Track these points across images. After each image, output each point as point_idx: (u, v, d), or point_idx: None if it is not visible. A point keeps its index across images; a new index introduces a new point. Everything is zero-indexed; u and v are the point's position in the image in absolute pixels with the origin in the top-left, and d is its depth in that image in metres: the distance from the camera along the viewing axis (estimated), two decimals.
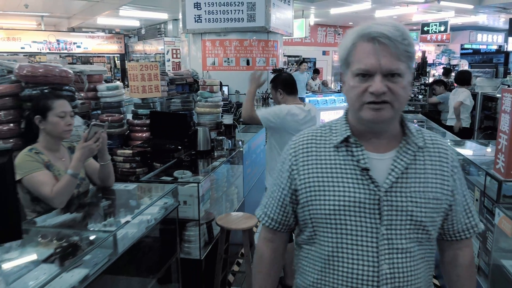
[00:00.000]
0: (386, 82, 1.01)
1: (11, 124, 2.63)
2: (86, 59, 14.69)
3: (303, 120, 2.85)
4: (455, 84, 5.97)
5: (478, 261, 2.50)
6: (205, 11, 6.87)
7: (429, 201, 1.08)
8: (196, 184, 2.71)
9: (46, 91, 2.45)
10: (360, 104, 1.04)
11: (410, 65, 1.05)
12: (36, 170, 1.89)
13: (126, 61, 14.18)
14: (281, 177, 1.21)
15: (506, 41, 15.30)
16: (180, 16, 7.17)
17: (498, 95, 5.81)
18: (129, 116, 3.98)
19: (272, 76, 3.24)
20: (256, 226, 4.42)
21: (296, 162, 1.15)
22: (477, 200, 2.59)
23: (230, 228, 2.94)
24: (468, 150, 3.48)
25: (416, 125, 5.63)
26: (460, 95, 5.65)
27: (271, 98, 6.65)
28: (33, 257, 1.48)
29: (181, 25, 7.18)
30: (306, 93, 10.01)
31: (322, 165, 1.12)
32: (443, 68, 9.87)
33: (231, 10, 6.84)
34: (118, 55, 14.33)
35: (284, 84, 2.98)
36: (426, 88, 6.93)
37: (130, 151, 3.45)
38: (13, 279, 1.33)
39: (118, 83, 3.83)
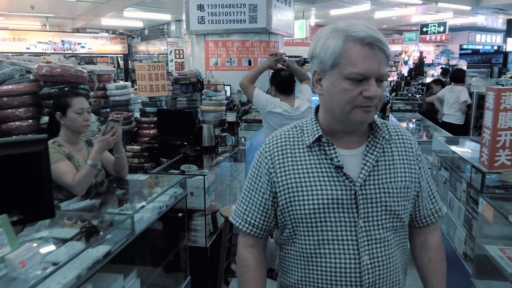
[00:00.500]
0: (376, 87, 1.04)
1: (30, 120, 2.83)
2: (89, 59, 14.88)
3: (286, 117, 3.04)
4: (452, 83, 6.16)
5: (464, 248, 2.68)
6: (208, 12, 7.05)
7: (400, 190, 1.13)
8: (202, 177, 2.90)
9: (66, 89, 2.64)
10: (352, 107, 1.05)
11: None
12: (59, 160, 2.08)
13: (129, 61, 14.38)
14: (258, 181, 1.19)
15: (504, 41, 15.45)
16: (184, 18, 7.36)
17: None
18: (137, 114, 4.18)
19: (273, 75, 3.43)
20: None
21: (273, 165, 1.16)
22: (464, 191, 2.78)
23: None
24: (460, 146, 3.66)
25: (394, 120, 5.83)
26: (463, 95, 5.89)
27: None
28: (61, 235, 1.67)
29: (184, 26, 7.36)
30: None
31: (298, 165, 1.13)
32: (441, 68, 10.05)
33: (233, 12, 7.02)
34: (122, 55, 14.52)
35: (278, 83, 3.15)
36: (423, 87, 7.11)
37: (139, 147, 3.64)
38: (45, 253, 1.52)
39: (127, 82, 4.02)
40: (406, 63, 16.94)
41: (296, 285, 1.18)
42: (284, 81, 3.14)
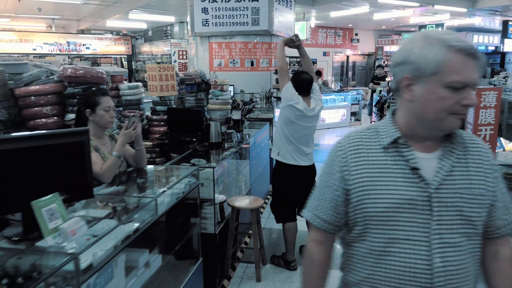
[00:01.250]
0: None
1: (55, 118, 3.11)
2: (93, 60, 15.15)
3: (299, 114, 3.32)
4: None
5: None
6: (212, 15, 7.32)
7: (476, 197, 1.13)
8: (211, 169, 3.17)
9: (93, 89, 2.91)
10: (447, 114, 1.08)
11: None
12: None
13: (133, 62, 14.64)
14: (331, 178, 1.23)
15: (502, 42, 15.69)
16: (189, 19, 7.62)
17: None
18: (147, 113, 4.45)
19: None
20: (263, 208, 4.90)
21: (347, 163, 1.19)
22: None
23: (240, 207, 3.41)
24: None
25: None
26: None
27: (273, 97, 7.12)
28: (96, 214, 1.94)
29: (189, 28, 7.63)
30: None
31: (372, 165, 1.16)
32: None
33: (236, 15, 7.30)
34: (126, 56, 14.79)
35: (298, 82, 3.40)
36: None
37: (150, 143, 3.92)
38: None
39: (138, 83, 4.29)
40: None
41: (363, 283, 1.19)
42: (303, 83, 3.39)
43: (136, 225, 1.93)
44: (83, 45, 13.85)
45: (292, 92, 3.33)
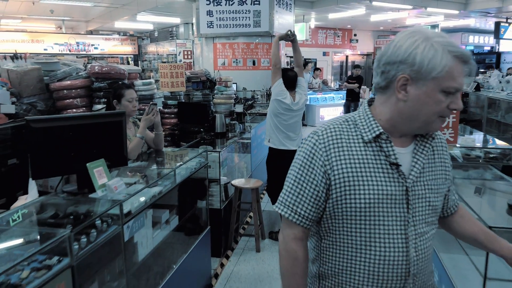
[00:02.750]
0: None
1: (84, 108, 3.63)
2: (101, 59, 15.72)
3: (284, 107, 3.84)
4: None
5: None
6: (217, 18, 7.84)
7: (439, 186, 1.21)
8: (217, 153, 3.68)
9: (120, 83, 3.43)
10: (437, 117, 1.11)
11: None
12: None
13: (139, 62, 15.17)
14: (311, 173, 1.19)
15: (497, 42, 16.12)
16: (194, 21, 8.15)
17: (469, 91, 6.75)
18: (159, 107, 4.96)
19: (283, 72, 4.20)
20: (263, 194, 5.39)
21: (329, 158, 1.16)
22: None
23: (242, 187, 3.93)
24: None
25: None
26: None
27: None
28: (127, 181, 2.45)
29: (195, 29, 8.15)
30: (308, 91, 10.90)
31: (354, 160, 1.16)
32: None
33: (239, 17, 7.81)
34: (132, 56, 15.32)
35: (286, 78, 3.93)
36: None
37: (162, 133, 4.42)
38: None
39: (151, 79, 4.80)
40: None
41: (341, 273, 1.21)
42: (290, 79, 3.92)
43: (159, 189, 2.44)
44: (92, 45, 14.43)
45: (281, 88, 3.84)
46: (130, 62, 16.31)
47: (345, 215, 1.16)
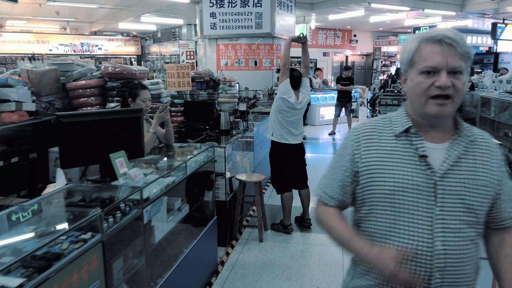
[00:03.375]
0: (450, 78, 1.14)
1: (98, 106, 3.87)
2: (104, 60, 15.96)
3: (289, 105, 4.08)
4: None
5: None
6: (220, 19, 8.10)
7: (479, 187, 1.20)
8: (223, 148, 3.92)
9: (136, 82, 3.67)
10: (426, 98, 1.17)
11: (468, 64, 1.19)
12: None
13: (142, 62, 15.42)
14: (342, 160, 1.32)
15: (495, 43, 16.37)
16: (198, 22, 8.40)
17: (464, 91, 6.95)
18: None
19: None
20: (265, 188, 5.63)
21: (359, 147, 1.28)
22: None
23: (246, 180, 4.17)
24: None
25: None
26: None
27: (275, 94, 7.89)
28: (144, 171, 2.69)
29: (198, 30, 8.40)
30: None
31: (383, 150, 1.24)
32: None
33: (241, 19, 8.07)
34: (135, 56, 15.58)
35: (290, 78, 4.18)
36: None
37: (172, 129, 4.67)
38: None
39: (158, 79, 5.04)
40: None
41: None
42: (295, 78, 4.17)
43: (173, 178, 2.68)
44: (96, 45, 14.71)
45: (288, 88, 4.09)
46: (133, 62, 16.58)
47: (373, 201, 1.25)
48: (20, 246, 1.58)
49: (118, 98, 3.70)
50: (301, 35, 4.15)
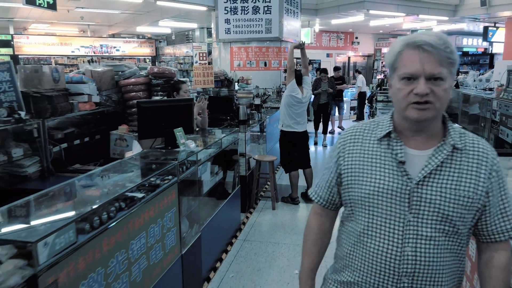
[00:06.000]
0: (430, 85, 1.12)
1: (144, 99, 4.84)
2: (120, 60, 16.98)
3: (297, 100, 5.05)
4: None
5: None
6: (233, 25, 9.07)
7: (459, 198, 1.17)
8: (244, 133, 4.90)
9: (177, 79, 4.63)
10: (406, 104, 1.16)
11: (452, 70, 1.15)
12: None
13: (156, 63, 16.41)
14: (330, 162, 1.37)
15: (491, 44, 17.20)
16: (213, 27, 9.36)
17: None
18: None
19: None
20: (276, 171, 6.59)
21: (343, 151, 1.32)
22: None
23: (261, 160, 5.14)
24: None
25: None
26: None
27: (282, 92, 8.85)
28: (192, 144, 3.66)
29: (213, 34, 9.37)
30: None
31: (364, 154, 1.27)
32: None
33: (253, 24, 9.03)
34: (150, 57, 16.59)
35: (295, 77, 5.15)
36: None
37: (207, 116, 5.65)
38: None
39: (187, 78, 6.02)
40: None
41: (346, 258, 1.33)
42: (297, 76, 5.14)
43: (211, 150, 3.66)
44: (114, 47, 15.74)
45: (295, 87, 5.07)
46: (147, 63, 17.58)
47: (352, 202, 1.29)
48: (131, 179, 2.56)
49: (161, 93, 4.67)
50: (301, 42, 5.10)
